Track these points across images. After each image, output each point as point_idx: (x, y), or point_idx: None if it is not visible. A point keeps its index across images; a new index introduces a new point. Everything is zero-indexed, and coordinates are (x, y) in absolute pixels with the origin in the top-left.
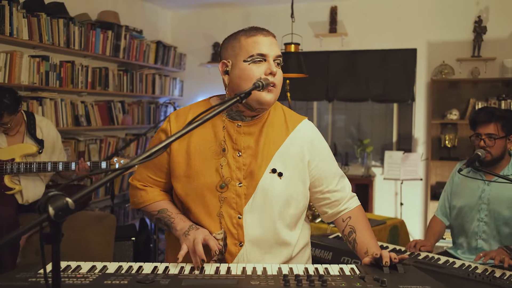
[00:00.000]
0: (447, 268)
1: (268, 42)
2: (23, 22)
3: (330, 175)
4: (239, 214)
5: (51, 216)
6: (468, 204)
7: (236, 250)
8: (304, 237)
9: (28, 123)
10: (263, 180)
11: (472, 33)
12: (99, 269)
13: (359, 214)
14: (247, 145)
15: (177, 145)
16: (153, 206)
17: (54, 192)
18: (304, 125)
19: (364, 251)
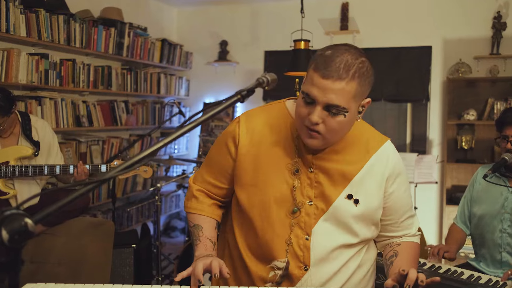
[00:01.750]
0: (472, 284)
1: (323, 86)
2: (21, 18)
3: (402, 207)
4: (307, 235)
5: (4, 242)
6: (489, 212)
7: (301, 273)
8: (370, 257)
9: (23, 124)
10: (337, 204)
11: (490, 30)
12: None
13: (411, 246)
14: (319, 163)
15: (245, 150)
16: (195, 217)
17: (12, 210)
18: (386, 149)
19: (395, 272)
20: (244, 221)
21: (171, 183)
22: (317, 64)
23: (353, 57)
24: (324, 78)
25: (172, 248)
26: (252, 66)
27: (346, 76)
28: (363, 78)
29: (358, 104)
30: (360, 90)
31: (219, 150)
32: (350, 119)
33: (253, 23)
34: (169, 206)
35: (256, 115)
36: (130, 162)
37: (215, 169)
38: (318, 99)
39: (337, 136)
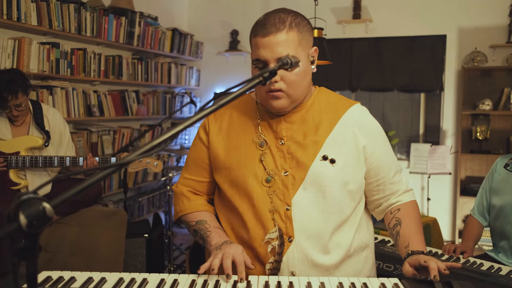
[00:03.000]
0: (493, 275)
1: (267, 44)
2: (32, 7)
3: (387, 165)
4: (287, 205)
5: (22, 227)
6: (509, 202)
7: (285, 246)
8: (363, 236)
9: (35, 113)
10: (313, 168)
11: (507, 18)
12: (95, 283)
13: (410, 207)
14: (290, 134)
15: (215, 136)
16: (193, 215)
17: (28, 195)
18: (356, 110)
19: (405, 245)
20: (227, 208)
21: None
22: (255, 30)
23: (285, 12)
24: (265, 36)
25: (184, 239)
26: None
27: (284, 27)
28: (301, 26)
29: (307, 53)
30: (302, 37)
31: (194, 147)
32: (304, 68)
33: (265, 11)
34: None
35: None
36: (149, 146)
37: (193, 166)
38: (268, 57)
39: (299, 89)
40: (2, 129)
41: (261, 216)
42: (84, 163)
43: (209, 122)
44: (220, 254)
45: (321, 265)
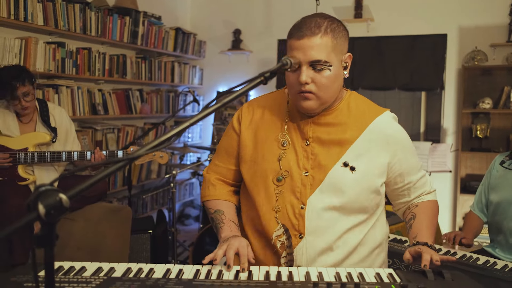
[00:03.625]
0: (489, 269)
1: (301, 46)
2: (38, 7)
3: (412, 171)
4: (302, 204)
5: (41, 216)
6: (507, 199)
7: (295, 242)
8: (376, 236)
9: (41, 111)
10: (333, 172)
11: (508, 17)
12: (105, 272)
13: (428, 205)
14: (316, 135)
15: (246, 128)
16: (215, 203)
17: (46, 186)
18: (384, 118)
19: (413, 236)
20: (247, 199)
21: (185, 171)
22: (291, 33)
23: (322, 17)
24: (300, 39)
25: (187, 236)
26: (266, 55)
27: (319, 32)
28: (336, 32)
29: (340, 59)
30: (336, 43)
31: (226, 134)
32: (336, 73)
33: (267, 11)
34: (183, 194)
35: (258, 100)
36: (157, 142)
37: (224, 154)
38: (301, 59)
39: (328, 92)
40: (11, 126)
41: (269, 212)
42: (92, 157)
43: (242, 113)
44: (224, 246)
45: (325, 263)
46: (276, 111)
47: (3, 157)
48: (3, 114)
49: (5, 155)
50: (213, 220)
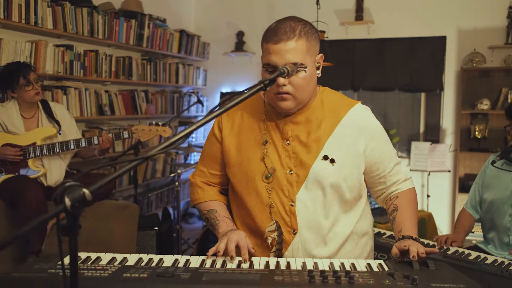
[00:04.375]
0: (479, 264)
1: (278, 50)
2: (48, 11)
3: (386, 159)
4: (292, 201)
5: (67, 208)
6: (500, 197)
7: (290, 238)
8: (363, 226)
9: (44, 107)
10: (315, 167)
11: (506, 19)
12: (118, 261)
13: (408, 195)
14: (295, 134)
15: (227, 134)
16: (206, 204)
17: (71, 182)
18: (356, 109)
19: (398, 230)
20: (237, 200)
21: (189, 171)
22: (267, 36)
23: (295, 21)
24: (276, 43)
25: (191, 234)
26: None
27: (294, 36)
28: (309, 35)
29: (313, 60)
30: (309, 45)
31: (208, 142)
32: (310, 74)
33: (270, 13)
34: (187, 193)
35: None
36: (168, 143)
37: (208, 160)
38: (278, 62)
39: (304, 93)
40: (15, 122)
41: (262, 210)
42: (100, 139)
43: (222, 121)
44: (225, 239)
45: (321, 256)
46: (254, 114)
47: (15, 151)
48: (7, 111)
49: (16, 149)
50: (207, 220)
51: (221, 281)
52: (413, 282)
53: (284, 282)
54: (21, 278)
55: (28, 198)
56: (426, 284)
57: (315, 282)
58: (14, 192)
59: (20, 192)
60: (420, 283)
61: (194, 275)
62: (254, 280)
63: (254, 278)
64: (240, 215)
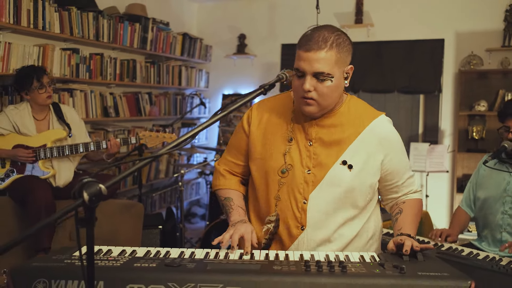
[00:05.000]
0: (471, 259)
1: (308, 58)
2: (55, 16)
3: (401, 171)
4: (305, 199)
5: (85, 201)
6: (492, 196)
7: (298, 232)
8: (369, 230)
9: (55, 110)
10: (333, 170)
11: (502, 23)
12: (128, 253)
13: (414, 203)
14: (319, 136)
15: (255, 129)
16: (225, 192)
17: (88, 179)
18: (380, 121)
19: (398, 229)
20: (253, 191)
21: (192, 171)
22: (301, 43)
23: (329, 31)
24: (307, 51)
25: (193, 233)
26: (269, 59)
27: (325, 47)
28: (341, 47)
29: (342, 70)
30: (340, 57)
31: (236, 134)
32: (337, 83)
33: (271, 17)
34: (189, 193)
35: (266, 102)
36: (176, 143)
37: (234, 151)
38: (306, 69)
39: (328, 100)
40: (27, 124)
41: (271, 202)
42: (108, 144)
43: (252, 114)
44: (231, 230)
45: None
46: (283, 112)
47: (27, 152)
48: (20, 113)
49: (28, 151)
50: (223, 206)
51: (224, 270)
52: (401, 271)
53: (282, 272)
54: (40, 267)
55: (37, 197)
56: (413, 272)
57: (311, 271)
58: (24, 191)
59: (30, 191)
60: (407, 271)
61: (199, 265)
62: (255, 270)
63: (255, 268)
64: (254, 205)
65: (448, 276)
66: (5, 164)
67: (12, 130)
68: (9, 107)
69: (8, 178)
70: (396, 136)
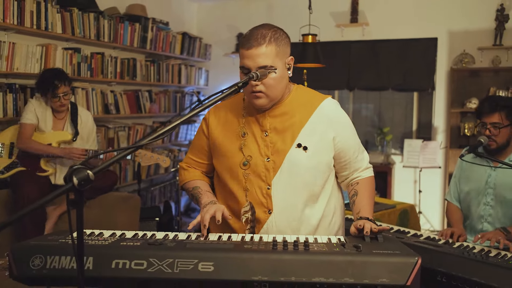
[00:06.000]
0: (445, 247)
1: (250, 55)
2: (57, 17)
3: (352, 148)
4: (268, 185)
5: (75, 185)
6: (475, 188)
7: (265, 217)
8: (332, 205)
9: (72, 111)
10: (290, 154)
11: (494, 22)
12: (118, 235)
13: (367, 182)
14: (273, 126)
15: (213, 130)
16: (191, 183)
17: (78, 165)
18: (327, 103)
19: (357, 212)
20: (221, 186)
21: None
22: (242, 43)
23: (266, 28)
24: (249, 49)
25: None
26: None
27: (264, 42)
28: (279, 40)
29: (284, 62)
30: (279, 50)
31: (197, 136)
32: (281, 74)
33: (268, 16)
34: None
35: (220, 105)
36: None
37: (196, 150)
38: (250, 65)
39: (275, 91)
40: (47, 121)
41: (241, 194)
42: (104, 156)
43: (209, 117)
44: (203, 212)
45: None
46: (234, 110)
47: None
48: (41, 109)
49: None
50: (193, 196)
51: (200, 248)
52: (358, 249)
53: (251, 249)
54: (37, 245)
55: (21, 195)
56: (369, 250)
57: (277, 250)
58: (14, 185)
59: (18, 187)
60: (363, 250)
61: (179, 244)
62: (228, 248)
63: (229, 247)
64: (224, 199)
65: (399, 253)
66: (13, 154)
67: (34, 122)
68: (34, 98)
69: (11, 169)
70: (344, 115)
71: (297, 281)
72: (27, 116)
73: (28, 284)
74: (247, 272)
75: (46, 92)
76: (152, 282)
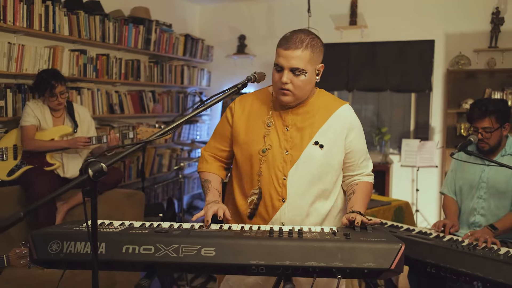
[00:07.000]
0: (435, 240)
1: (286, 55)
2: (64, 20)
3: (359, 152)
4: (284, 176)
5: (90, 177)
6: (469, 183)
7: (279, 205)
8: (340, 203)
9: (68, 108)
10: (307, 150)
11: (489, 24)
12: (127, 224)
13: (366, 185)
14: (294, 122)
15: (238, 119)
16: (206, 175)
17: (92, 159)
18: (344, 108)
19: (351, 206)
20: (238, 171)
21: (194, 166)
22: (281, 43)
23: (306, 34)
24: (286, 49)
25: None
26: (268, 59)
27: (301, 46)
28: (314, 48)
29: (314, 68)
30: (313, 56)
31: (221, 123)
32: (309, 78)
33: (269, 18)
34: (191, 187)
35: (247, 96)
36: (162, 131)
37: (219, 137)
38: (284, 65)
39: (302, 92)
40: (47, 119)
41: (254, 177)
42: (108, 138)
43: (235, 106)
44: (206, 208)
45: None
46: (262, 103)
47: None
48: (41, 109)
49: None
50: (203, 186)
51: (203, 235)
52: (347, 237)
53: (249, 237)
54: (54, 232)
55: (34, 192)
56: (357, 238)
57: (273, 237)
58: (26, 183)
59: (30, 184)
60: (352, 237)
61: (183, 232)
62: (228, 235)
63: (229, 234)
64: (238, 182)
65: (385, 240)
66: (17, 156)
67: (35, 123)
68: (31, 101)
69: (18, 169)
70: (358, 122)
71: (291, 265)
72: (27, 119)
73: (46, 267)
74: (245, 257)
75: (44, 91)
76: (159, 265)
